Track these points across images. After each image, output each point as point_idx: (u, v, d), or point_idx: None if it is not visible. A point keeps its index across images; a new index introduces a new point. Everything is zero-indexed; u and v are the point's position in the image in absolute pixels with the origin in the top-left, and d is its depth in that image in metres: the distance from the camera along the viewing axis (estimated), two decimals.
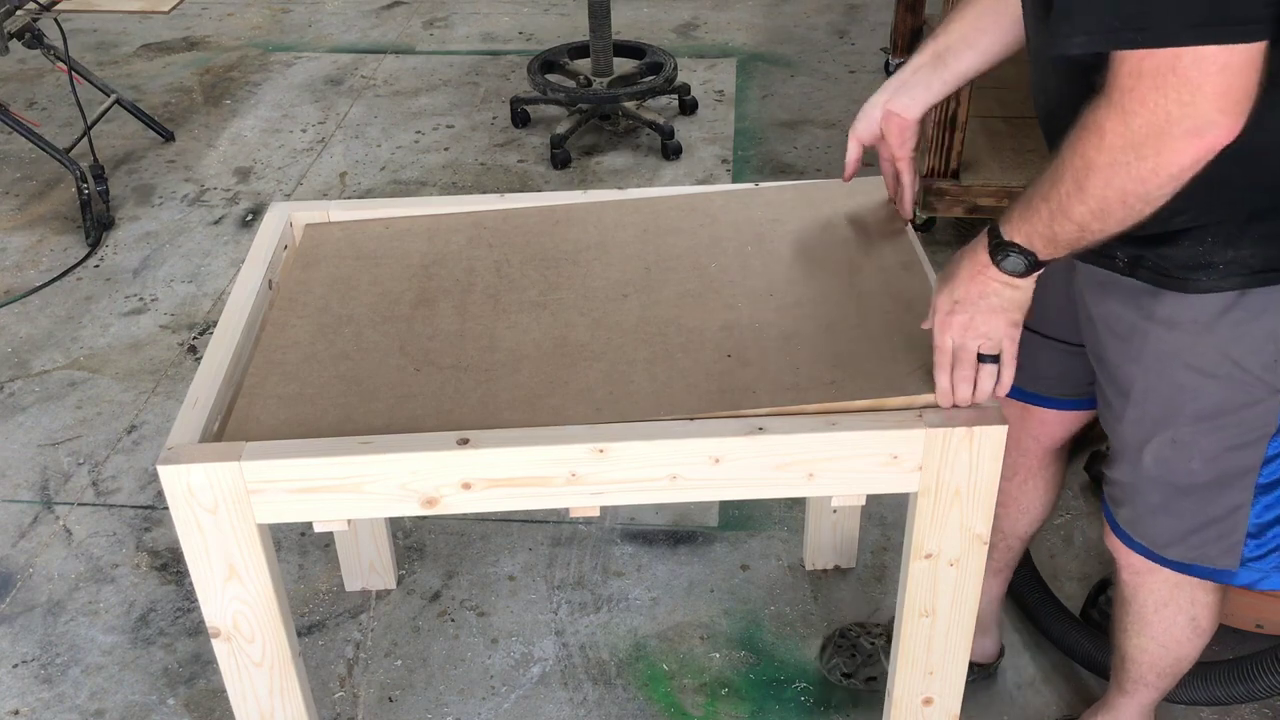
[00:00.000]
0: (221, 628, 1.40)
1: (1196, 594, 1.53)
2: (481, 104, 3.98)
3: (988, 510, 1.37)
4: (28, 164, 3.66)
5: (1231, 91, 1.03)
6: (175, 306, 2.99)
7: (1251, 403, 1.31)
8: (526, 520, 2.33)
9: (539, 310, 1.54)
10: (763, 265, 1.60)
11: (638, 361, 1.44)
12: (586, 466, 1.32)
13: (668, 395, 1.38)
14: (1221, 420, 1.32)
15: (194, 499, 1.30)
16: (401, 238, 1.72)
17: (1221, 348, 1.28)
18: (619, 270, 1.61)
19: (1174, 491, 1.40)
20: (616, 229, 1.71)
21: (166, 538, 2.31)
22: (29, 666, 2.06)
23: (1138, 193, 1.11)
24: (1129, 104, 1.06)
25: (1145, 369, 1.34)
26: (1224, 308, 1.27)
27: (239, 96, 4.09)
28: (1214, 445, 1.34)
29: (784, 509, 2.33)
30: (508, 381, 1.42)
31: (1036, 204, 1.20)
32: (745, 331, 1.48)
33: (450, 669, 2.04)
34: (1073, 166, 1.13)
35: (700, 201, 1.76)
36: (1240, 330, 1.27)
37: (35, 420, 2.63)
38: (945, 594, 1.44)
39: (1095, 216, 1.15)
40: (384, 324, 1.54)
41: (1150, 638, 1.59)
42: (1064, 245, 1.21)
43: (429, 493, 1.32)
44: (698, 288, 1.57)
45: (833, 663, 1.95)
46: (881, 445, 1.32)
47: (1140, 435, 1.39)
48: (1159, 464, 1.38)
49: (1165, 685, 1.68)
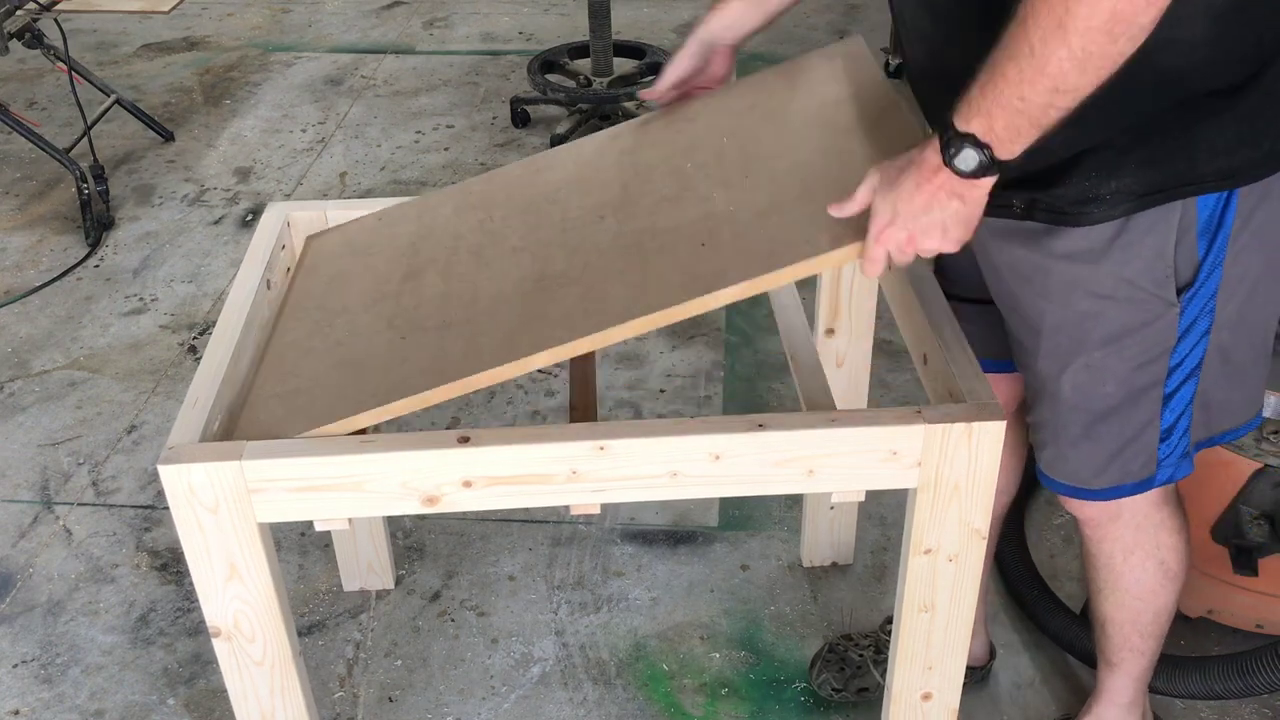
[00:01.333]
0: (222, 627, 1.40)
1: (1161, 536, 1.56)
2: (481, 104, 3.98)
3: (987, 505, 1.38)
4: (28, 164, 3.66)
5: None
6: (175, 306, 2.99)
7: (1151, 320, 1.35)
8: (526, 520, 2.33)
9: (520, 254, 1.51)
10: (739, 151, 1.53)
11: (612, 275, 1.39)
12: (587, 464, 1.32)
13: (641, 298, 1.33)
14: (1126, 340, 1.36)
15: (195, 498, 1.30)
16: (392, 223, 1.72)
17: (1116, 271, 1.32)
18: (596, 196, 1.57)
19: (1093, 418, 1.43)
20: (596, 158, 1.67)
21: (166, 538, 2.31)
22: (29, 666, 2.06)
23: (1127, 17, 1.04)
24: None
25: (1052, 302, 1.37)
26: (1114, 234, 1.30)
27: (239, 96, 4.09)
28: (1123, 365, 1.38)
29: (784, 509, 2.33)
30: (489, 326, 1.40)
31: (1001, 68, 1.10)
32: (720, 219, 1.40)
33: (450, 669, 2.04)
34: (1048, 5, 1.06)
35: (678, 110, 1.70)
36: (1130, 253, 1.31)
37: (35, 420, 2.63)
38: (944, 589, 1.44)
39: (1076, 63, 1.07)
40: (375, 305, 1.53)
41: (1124, 590, 1.61)
42: (1028, 121, 1.12)
43: (430, 491, 1.32)
44: (674, 191, 1.51)
45: (822, 678, 1.95)
46: (880, 441, 1.33)
47: (1056, 366, 1.42)
48: (1076, 391, 1.41)
49: (1151, 649, 1.69)
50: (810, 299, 1.87)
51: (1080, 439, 1.46)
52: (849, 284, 1.86)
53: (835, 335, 1.91)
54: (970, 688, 1.83)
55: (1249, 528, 1.85)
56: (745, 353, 2.77)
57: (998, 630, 2.05)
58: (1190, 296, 1.34)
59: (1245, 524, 1.85)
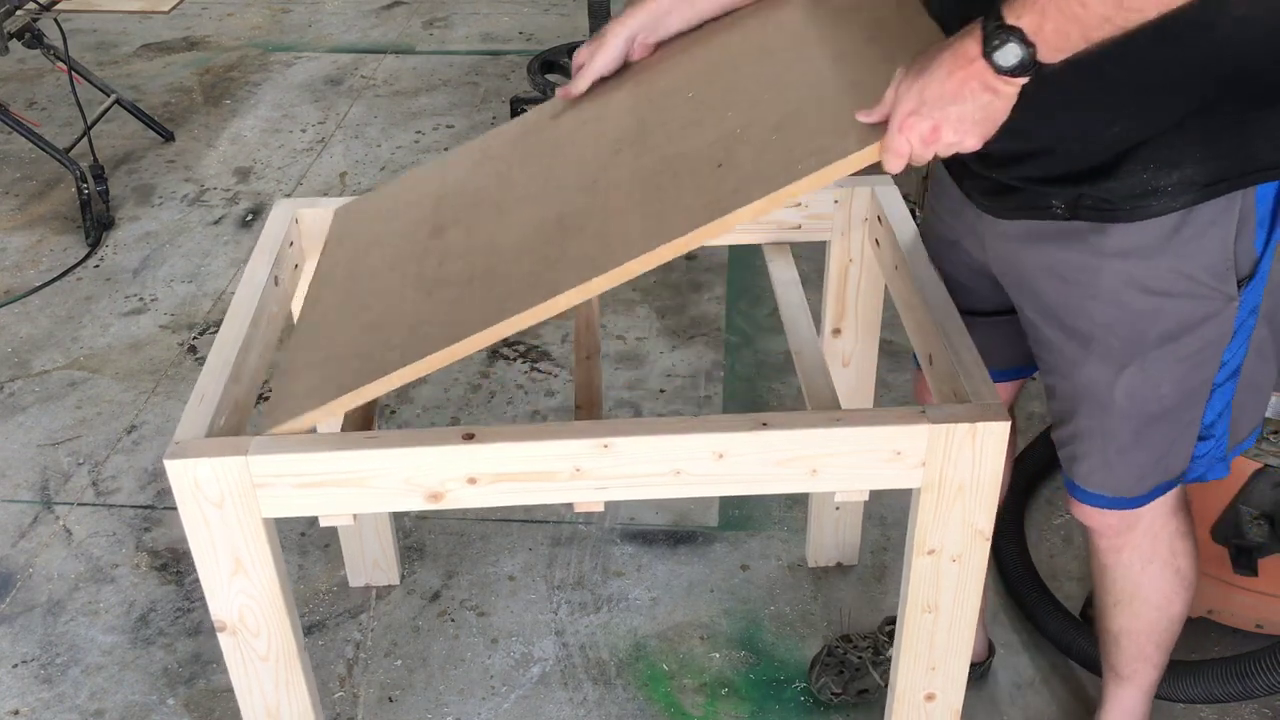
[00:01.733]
0: (227, 621, 1.40)
1: (1176, 543, 1.55)
2: (481, 104, 3.99)
3: (990, 506, 1.38)
4: (28, 164, 3.66)
5: None
6: (175, 306, 2.99)
7: (1211, 315, 1.32)
8: (526, 520, 2.33)
9: (538, 202, 1.47)
10: (756, 69, 1.47)
11: (630, 209, 1.34)
12: (590, 461, 1.32)
13: (659, 227, 1.28)
14: (1185, 338, 1.34)
15: (200, 493, 1.30)
16: (413, 186, 1.70)
17: (1176, 266, 1.29)
18: (613, 130, 1.51)
19: (1144, 422, 1.40)
20: (610, 96, 1.60)
21: (166, 538, 2.31)
22: (29, 666, 2.06)
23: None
24: None
25: (1103, 303, 1.34)
26: (1174, 227, 1.27)
27: (239, 96, 4.09)
28: (1180, 365, 1.36)
29: (784, 509, 2.33)
30: (512, 273, 1.36)
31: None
32: (736, 139, 1.34)
33: (450, 669, 2.04)
34: None
35: (702, 36, 1.61)
36: (1193, 246, 1.28)
37: (35, 420, 2.63)
38: (948, 590, 1.44)
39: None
40: (400, 267, 1.51)
41: (1143, 600, 1.60)
42: (1079, 31, 1.07)
43: (434, 487, 1.32)
44: (691, 117, 1.44)
45: (821, 682, 1.94)
46: (884, 441, 1.33)
47: (1109, 372, 1.38)
48: (1130, 396, 1.38)
49: (1162, 661, 1.68)
50: (816, 299, 1.88)
51: (1130, 446, 1.42)
52: (855, 284, 1.86)
53: (841, 335, 1.92)
54: (970, 687, 1.83)
55: (1249, 528, 1.85)
56: (745, 353, 2.78)
57: (997, 630, 2.06)
58: (1248, 290, 1.32)
59: (1245, 524, 1.86)
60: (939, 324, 1.47)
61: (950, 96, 1.13)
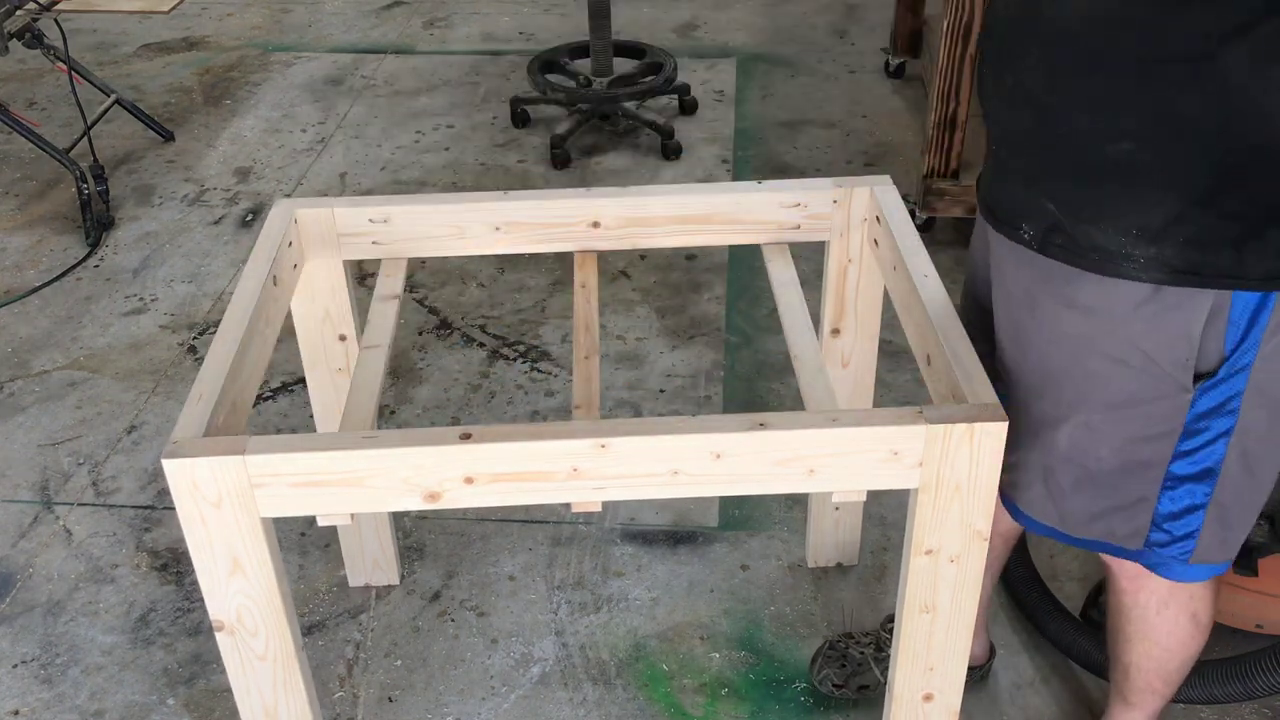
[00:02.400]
0: (225, 621, 1.40)
1: (1195, 589, 1.53)
2: (481, 104, 3.98)
3: (988, 506, 1.38)
4: (28, 164, 3.66)
5: None
6: (175, 306, 2.99)
7: (1160, 397, 1.32)
8: (526, 520, 2.33)
9: None
10: None
11: None
12: (588, 461, 1.32)
13: None
14: (1131, 411, 1.34)
15: (198, 492, 1.30)
16: None
17: (1135, 340, 1.30)
18: None
19: (1085, 474, 1.41)
20: None
21: (166, 538, 2.31)
22: (29, 666, 2.06)
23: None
24: None
25: (1061, 351, 1.36)
26: (1141, 299, 1.27)
27: (239, 96, 4.09)
28: (1122, 434, 1.36)
29: (783, 509, 2.33)
30: None
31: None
32: None
33: (450, 669, 2.04)
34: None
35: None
36: (1155, 324, 1.28)
37: (35, 420, 2.63)
38: (946, 590, 1.44)
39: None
40: None
41: (1154, 642, 1.59)
42: None
43: (432, 487, 1.32)
44: None
45: (823, 674, 1.94)
46: (882, 441, 1.33)
47: (1055, 415, 1.40)
48: (1072, 446, 1.40)
49: (1171, 692, 1.67)
50: (816, 299, 1.88)
51: (1071, 490, 1.44)
52: (854, 284, 1.86)
53: (840, 335, 1.92)
54: (970, 688, 1.83)
55: None
56: (745, 353, 2.77)
57: (997, 630, 2.06)
58: (1208, 387, 1.30)
59: None
60: (937, 324, 1.47)
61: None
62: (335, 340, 1.86)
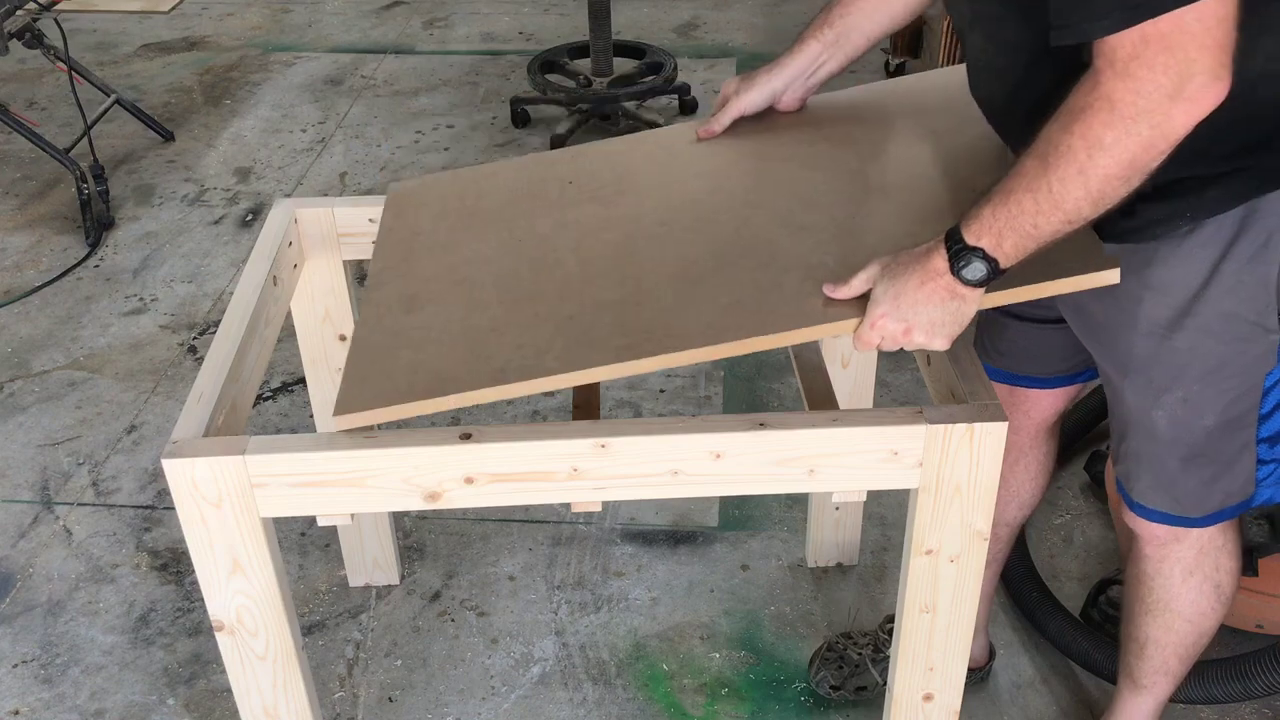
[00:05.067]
0: (225, 621, 1.40)
1: (1220, 559, 1.54)
2: (481, 104, 3.99)
3: (988, 507, 1.38)
4: (28, 164, 3.66)
5: (1227, 45, 1.05)
6: (175, 306, 2.99)
7: (1251, 349, 1.34)
8: (526, 520, 2.33)
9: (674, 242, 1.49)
10: (840, 196, 1.51)
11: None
12: (588, 461, 1.32)
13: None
14: (1224, 372, 1.35)
15: (198, 493, 1.30)
16: (529, 170, 1.69)
17: (1217, 305, 1.31)
18: (706, 189, 1.56)
19: (1190, 450, 1.41)
20: (738, 144, 1.62)
21: (166, 538, 2.31)
22: (29, 666, 2.06)
23: (1141, 164, 1.11)
24: (1138, 70, 1.05)
25: (1142, 335, 1.36)
26: (1213, 264, 1.28)
27: (239, 96, 4.09)
28: (1221, 397, 1.37)
29: (784, 509, 2.33)
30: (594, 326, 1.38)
31: (1017, 197, 1.17)
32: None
33: (450, 669, 2.04)
34: (1069, 149, 1.12)
35: (831, 119, 1.64)
36: (1233, 281, 1.29)
37: (35, 420, 2.63)
38: (946, 590, 1.44)
39: (1091, 200, 1.14)
40: (522, 264, 1.50)
41: (1176, 612, 1.58)
42: (1035, 243, 1.19)
43: (431, 487, 1.32)
44: (776, 216, 1.48)
45: (820, 676, 1.94)
46: (882, 441, 1.33)
47: (1147, 401, 1.40)
48: (1172, 425, 1.40)
49: (1183, 672, 1.67)
50: None
51: (1179, 473, 1.44)
52: None
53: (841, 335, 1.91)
54: (970, 688, 1.83)
55: (1249, 528, 1.85)
56: None
57: (997, 630, 2.06)
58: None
59: (1245, 524, 1.85)
60: None
61: (923, 303, 1.25)
62: (335, 340, 1.86)
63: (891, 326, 1.27)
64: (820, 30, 1.55)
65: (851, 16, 1.53)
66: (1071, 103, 1.11)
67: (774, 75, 1.60)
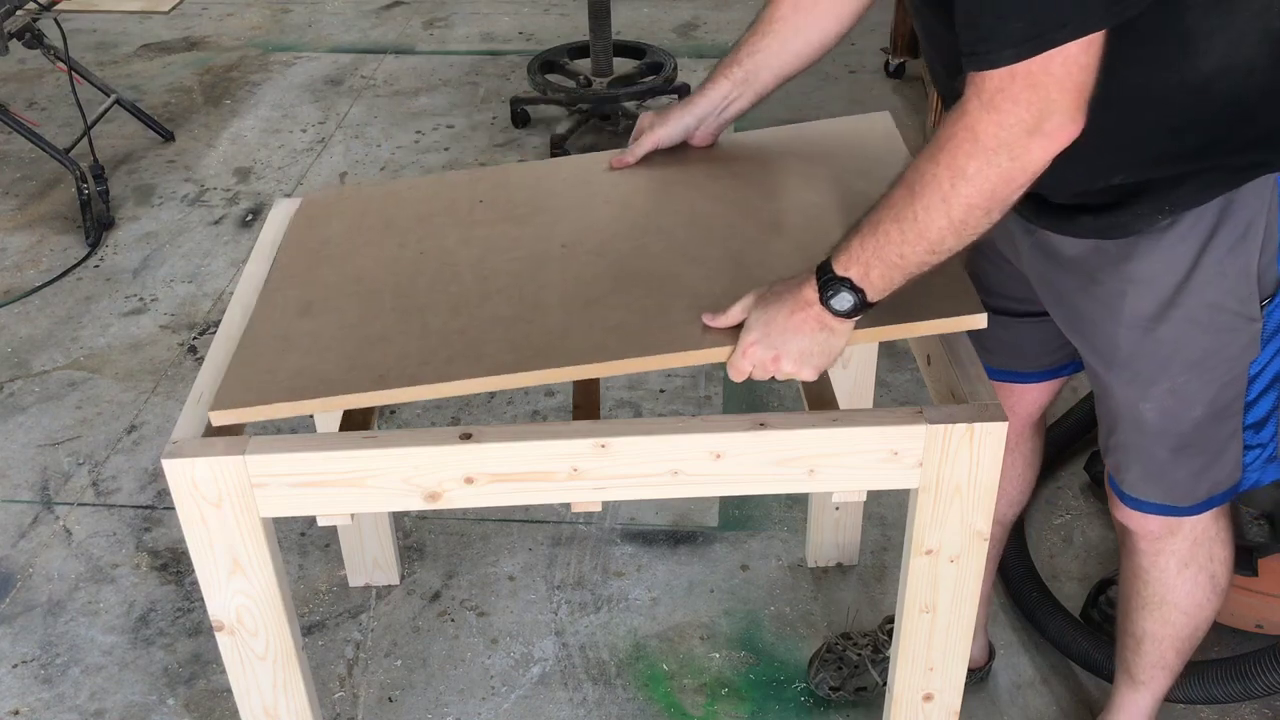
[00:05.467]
0: (225, 621, 1.40)
1: (1214, 550, 1.55)
2: (481, 104, 3.99)
3: (988, 507, 1.37)
4: (28, 164, 3.66)
5: (1085, 89, 1.10)
6: (175, 306, 2.99)
7: (1235, 339, 1.35)
8: (526, 520, 2.33)
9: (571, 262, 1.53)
10: (736, 226, 1.56)
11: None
12: (588, 461, 1.32)
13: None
14: (1210, 362, 1.36)
15: (198, 493, 1.30)
16: (435, 191, 1.73)
17: (1201, 296, 1.32)
18: (610, 220, 1.60)
19: (1179, 441, 1.42)
20: (648, 176, 1.67)
21: (166, 538, 2.31)
22: (29, 666, 2.06)
23: (1001, 196, 1.16)
24: (1002, 103, 1.10)
25: (1128, 328, 1.37)
26: (1195, 255, 1.30)
27: (239, 96, 4.09)
28: (1209, 387, 1.38)
29: (784, 509, 2.33)
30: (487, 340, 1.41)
31: (885, 227, 1.21)
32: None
33: (450, 669, 2.04)
34: (935, 177, 1.16)
35: (734, 156, 1.71)
36: (1214, 272, 1.30)
37: (35, 420, 2.63)
38: (945, 590, 1.44)
39: (954, 230, 1.18)
40: (417, 274, 1.53)
41: (1173, 605, 1.59)
42: (901, 274, 1.23)
43: (431, 487, 1.32)
44: (667, 243, 1.54)
45: (820, 677, 1.94)
46: (882, 441, 1.33)
47: (1134, 394, 1.41)
48: (1161, 416, 1.41)
49: (1180, 666, 1.68)
50: None
51: (1169, 464, 1.45)
52: None
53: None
54: (970, 688, 1.83)
55: (1249, 528, 1.85)
56: None
57: (997, 630, 2.06)
58: (1272, 309, 1.35)
59: (1245, 524, 1.86)
60: None
61: (792, 332, 1.28)
62: None
63: (761, 354, 1.30)
64: (730, 69, 1.60)
65: (759, 55, 1.58)
66: (939, 133, 1.16)
67: (686, 112, 1.65)
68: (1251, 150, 1.24)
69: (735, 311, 1.33)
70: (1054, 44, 1.06)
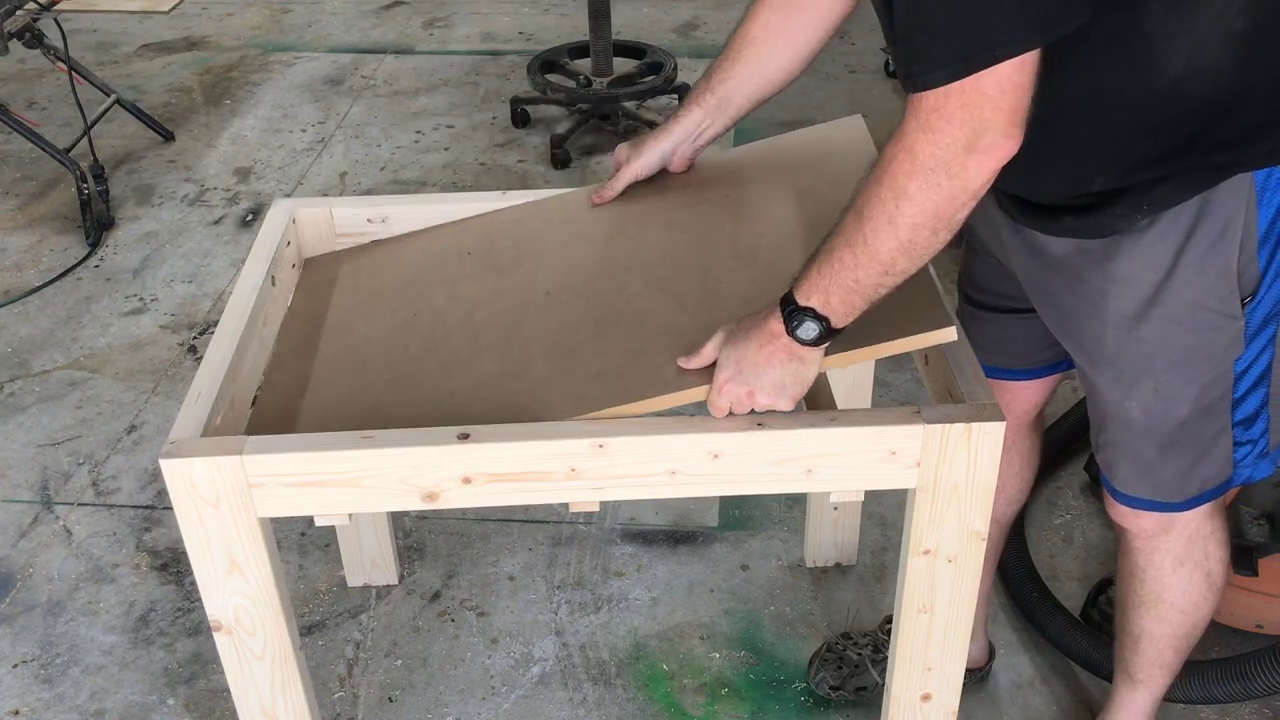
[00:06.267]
0: (223, 621, 1.40)
1: (1209, 548, 1.55)
2: (481, 104, 3.98)
3: (986, 507, 1.38)
4: (28, 164, 3.66)
5: (1019, 108, 1.10)
6: (175, 306, 2.99)
7: (1218, 337, 1.35)
8: (526, 520, 2.33)
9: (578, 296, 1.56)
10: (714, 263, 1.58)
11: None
12: (586, 461, 1.32)
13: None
14: (1194, 360, 1.37)
15: (196, 492, 1.31)
16: (460, 235, 1.76)
17: (1181, 295, 1.32)
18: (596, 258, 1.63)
19: (1165, 439, 1.43)
20: (628, 212, 1.69)
21: (166, 538, 2.31)
22: (29, 666, 2.06)
23: (945, 215, 1.17)
24: (937, 123, 1.11)
25: (1111, 327, 1.37)
26: (1175, 255, 1.30)
27: (239, 96, 4.09)
28: (1193, 386, 1.39)
29: (784, 509, 2.33)
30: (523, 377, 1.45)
31: (838, 253, 1.22)
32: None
33: (450, 669, 2.04)
34: (880, 199, 1.17)
35: (716, 180, 1.73)
36: (1194, 272, 1.31)
37: (35, 420, 2.63)
38: (943, 590, 1.44)
39: (904, 250, 1.19)
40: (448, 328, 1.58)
41: (1169, 603, 1.59)
42: (860, 298, 1.24)
43: (429, 487, 1.32)
44: (652, 281, 1.56)
45: (820, 676, 1.95)
46: (880, 441, 1.33)
47: (1119, 392, 1.41)
48: (1146, 414, 1.41)
49: (1177, 667, 1.68)
50: None
51: (1156, 461, 1.45)
52: None
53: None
54: (970, 688, 1.83)
55: (1249, 528, 1.85)
56: None
57: (997, 630, 2.05)
58: (1254, 307, 1.35)
59: (1245, 524, 1.85)
60: None
61: (763, 366, 1.30)
62: None
63: (736, 390, 1.31)
64: (702, 96, 1.61)
65: (731, 82, 1.59)
66: (881, 155, 1.18)
67: (661, 140, 1.67)
68: (1226, 150, 1.25)
69: (708, 351, 1.35)
70: (985, 65, 1.07)
